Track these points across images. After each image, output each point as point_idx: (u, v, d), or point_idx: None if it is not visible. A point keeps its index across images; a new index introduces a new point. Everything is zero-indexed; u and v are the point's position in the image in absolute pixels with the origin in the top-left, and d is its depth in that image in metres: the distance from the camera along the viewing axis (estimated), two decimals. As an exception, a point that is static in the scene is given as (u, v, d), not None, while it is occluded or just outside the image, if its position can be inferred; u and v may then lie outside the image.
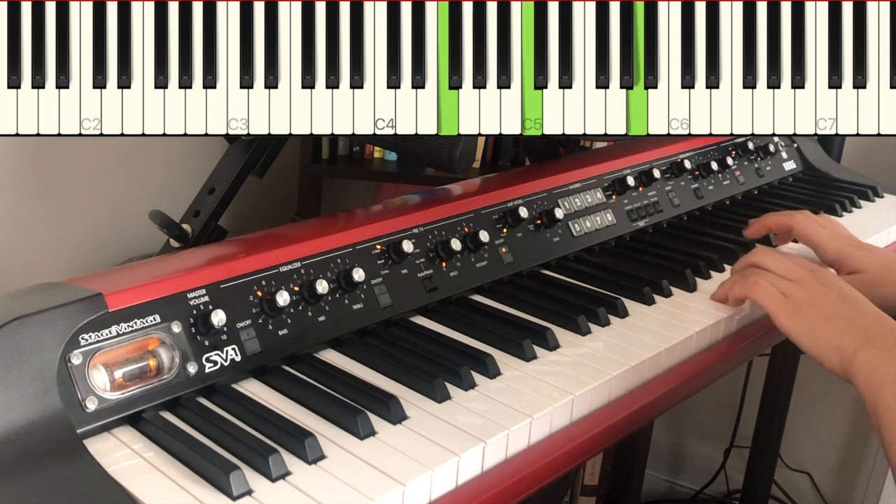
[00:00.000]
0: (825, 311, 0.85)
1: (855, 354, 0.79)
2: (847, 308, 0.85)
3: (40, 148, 1.40)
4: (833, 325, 0.83)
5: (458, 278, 0.94)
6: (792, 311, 0.87)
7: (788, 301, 0.88)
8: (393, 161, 1.85)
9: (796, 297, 0.87)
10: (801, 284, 0.89)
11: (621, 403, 0.81)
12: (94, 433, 0.68)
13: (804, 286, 0.88)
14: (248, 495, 0.62)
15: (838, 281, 0.90)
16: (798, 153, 1.50)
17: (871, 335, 0.80)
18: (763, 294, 0.89)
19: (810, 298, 0.87)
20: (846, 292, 0.87)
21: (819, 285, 0.88)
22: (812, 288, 0.88)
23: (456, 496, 0.67)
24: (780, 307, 0.88)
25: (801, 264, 0.92)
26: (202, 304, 0.75)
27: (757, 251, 0.97)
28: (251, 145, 1.06)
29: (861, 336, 0.80)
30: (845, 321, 0.83)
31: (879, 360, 0.78)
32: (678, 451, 2.18)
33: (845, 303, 0.86)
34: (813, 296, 0.87)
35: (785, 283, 0.89)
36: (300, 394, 0.75)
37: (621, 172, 1.17)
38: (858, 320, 0.83)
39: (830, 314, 0.84)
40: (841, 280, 0.90)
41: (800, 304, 0.87)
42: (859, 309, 0.85)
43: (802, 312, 0.86)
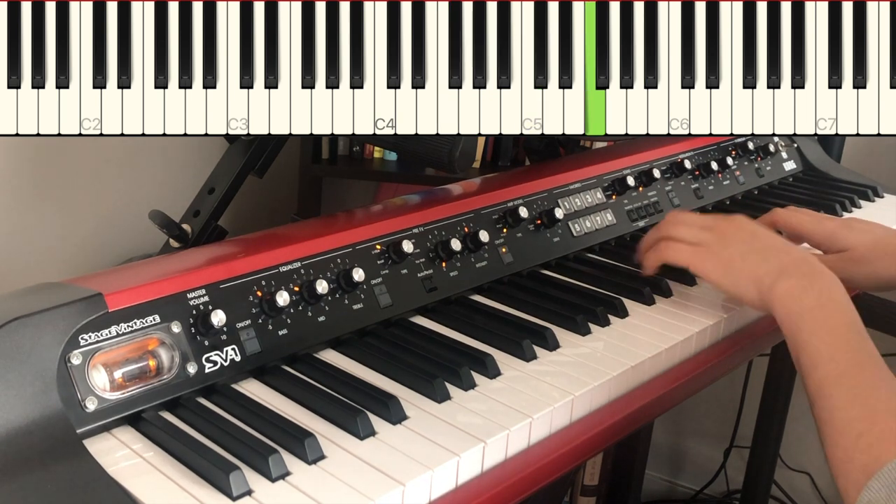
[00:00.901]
0: (738, 249, 0.87)
1: (773, 285, 0.81)
2: (758, 243, 0.87)
3: (40, 148, 1.40)
4: (747, 261, 0.86)
5: (458, 278, 0.94)
6: (705, 256, 0.89)
7: (700, 248, 0.90)
8: (393, 161, 1.85)
9: (707, 242, 0.90)
10: (710, 230, 0.91)
11: (621, 403, 0.81)
12: (94, 433, 0.68)
13: (713, 231, 0.90)
14: (248, 495, 0.62)
15: (747, 221, 0.91)
16: (798, 153, 1.50)
17: (786, 265, 0.83)
18: (673, 252, 0.92)
19: (721, 241, 0.89)
20: (756, 230, 0.89)
21: (728, 225, 0.90)
22: (721, 231, 0.90)
23: (456, 496, 0.67)
24: (693, 255, 0.90)
25: (706, 217, 0.94)
26: (202, 304, 0.75)
27: (661, 224, 0.98)
28: (251, 145, 1.06)
29: (776, 267, 0.83)
30: (759, 255, 0.85)
31: (797, 289, 0.80)
32: (678, 451, 2.18)
33: (756, 239, 0.88)
34: (724, 238, 0.89)
35: (695, 233, 0.91)
36: (300, 394, 0.75)
37: (621, 172, 1.17)
38: (771, 253, 0.85)
39: (743, 252, 0.86)
40: (750, 220, 0.92)
41: (711, 248, 0.89)
42: (770, 243, 0.87)
43: (716, 254, 0.88)
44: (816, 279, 0.81)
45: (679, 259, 0.91)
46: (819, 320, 0.77)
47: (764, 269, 0.84)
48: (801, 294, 0.79)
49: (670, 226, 0.95)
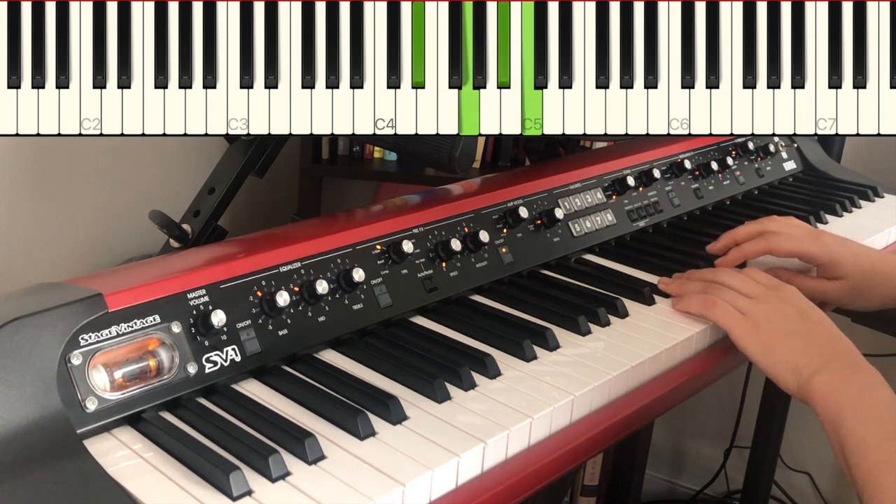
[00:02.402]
0: (782, 328, 0.83)
1: (812, 377, 0.78)
2: (804, 326, 0.83)
3: (40, 148, 1.40)
4: (789, 343, 0.82)
5: (458, 278, 0.94)
6: (749, 330, 0.85)
7: (746, 319, 0.86)
8: (393, 161, 1.85)
9: (754, 314, 0.86)
10: (759, 301, 0.87)
11: (621, 403, 0.81)
12: (94, 433, 0.68)
13: (763, 302, 0.87)
14: (248, 495, 0.62)
15: (799, 297, 0.87)
16: (798, 153, 1.50)
17: (828, 356, 0.79)
18: (720, 313, 0.88)
19: (768, 315, 0.85)
20: (805, 309, 0.85)
21: (778, 301, 0.86)
22: (770, 304, 0.86)
23: (456, 496, 0.67)
24: (737, 325, 0.86)
25: (762, 280, 0.91)
26: (202, 304, 0.75)
27: (718, 271, 0.95)
28: (251, 145, 1.06)
29: (817, 357, 0.79)
30: (801, 340, 0.82)
31: (837, 382, 0.76)
32: (678, 451, 2.18)
33: (803, 321, 0.84)
34: (771, 313, 0.85)
35: (743, 300, 0.88)
36: (300, 394, 0.75)
37: (621, 172, 1.17)
38: (815, 339, 0.81)
39: (787, 332, 0.83)
40: (802, 296, 0.88)
41: (757, 321, 0.85)
42: (817, 328, 0.83)
43: (759, 330, 0.84)
44: (858, 373, 0.77)
45: (724, 324, 0.88)
46: (863, 409, 0.74)
47: (804, 359, 0.80)
48: (842, 386, 0.76)
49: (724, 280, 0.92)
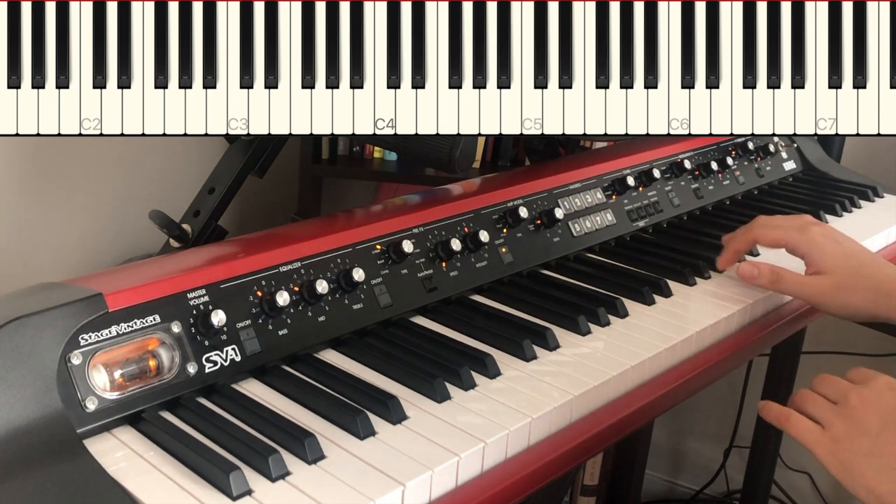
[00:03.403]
0: (862, 447, 0.76)
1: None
2: (885, 440, 0.75)
3: (40, 148, 1.40)
4: (868, 464, 0.75)
5: (458, 278, 0.94)
6: (827, 447, 0.78)
7: (824, 434, 0.78)
8: (393, 161, 1.85)
9: (834, 429, 0.78)
10: (842, 407, 0.79)
11: (621, 403, 0.81)
12: (94, 433, 0.68)
13: (842, 413, 0.78)
14: (248, 495, 0.62)
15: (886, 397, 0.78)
16: (798, 153, 1.50)
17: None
18: (797, 430, 0.81)
19: (847, 430, 0.77)
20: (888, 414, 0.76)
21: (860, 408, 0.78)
22: (850, 413, 0.78)
23: (456, 496, 0.67)
24: (817, 444, 0.78)
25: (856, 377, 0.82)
26: (202, 304, 0.75)
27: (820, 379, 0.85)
28: (251, 145, 1.06)
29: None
30: (882, 461, 0.74)
31: None
32: (678, 451, 2.18)
33: (885, 431, 0.75)
34: (850, 427, 0.77)
35: (827, 407, 0.80)
36: (300, 394, 0.75)
37: (621, 172, 1.17)
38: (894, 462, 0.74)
39: (867, 451, 0.75)
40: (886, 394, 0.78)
41: (837, 437, 0.78)
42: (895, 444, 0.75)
43: (838, 448, 0.77)
44: None
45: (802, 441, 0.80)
46: None
47: (888, 489, 0.72)
48: None
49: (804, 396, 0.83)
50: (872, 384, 0.79)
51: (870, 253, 0.97)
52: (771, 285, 0.97)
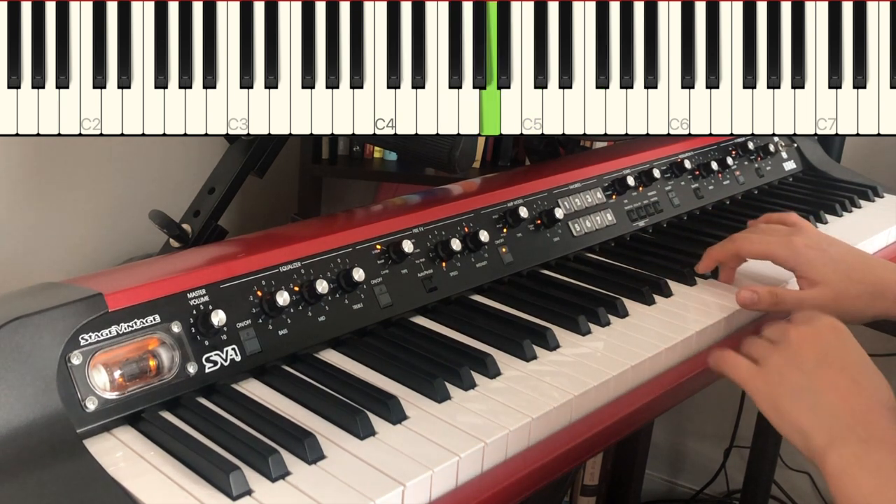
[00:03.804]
0: (791, 382, 0.74)
1: (823, 452, 0.69)
2: (817, 378, 0.73)
3: (40, 148, 1.40)
4: (797, 403, 0.72)
5: (458, 278, 0.94)
6: (758, 384, 0.76)
7: (758, 371, 0.77)
8: (393, 161, 1.85)
9: (769, 365, 0.76)
10: (777, 347, 0.77)
11: (621, 403, 0.81)
12: (94, 433, 0.68)
13: (779, 349, 0.77)
14: (248, 495, 0.62)
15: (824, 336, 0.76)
16: (798, 153, 1.50)
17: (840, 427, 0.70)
18: (729, 368, 0.79)
19: (780, 365, 0.75)
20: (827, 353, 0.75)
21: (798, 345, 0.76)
22: (787, 350, 0.76)
23: (456, 496, 0.67)
24: (748, 379, 0.77)
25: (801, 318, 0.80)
26: (202, 304, 0.75)
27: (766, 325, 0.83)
28: (251, 145, 1.06)
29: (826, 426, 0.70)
30: (811, 399, 0.72)
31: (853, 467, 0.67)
32: (678, 451, 2.18)
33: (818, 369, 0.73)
34: (785, 361, 0.75)
35: (762, 345, 0.79)
36: (300, 394, 0.75)
37: (621, 172, 1.17)
38: (828, 399, 0.71)
39: (796, 388, 0.73)
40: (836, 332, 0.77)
41: (768, 373, 0.76)
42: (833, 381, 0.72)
43: (769, 385, 0.75)
44: (876, 447, 0.67)
45: (734, 378, 0.79)
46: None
47: (813, 424, 0.70)
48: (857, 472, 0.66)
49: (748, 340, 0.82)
50: (814, 322, 0.77)
51: (857, 253, 0.96)
52: (772, 308, 0.94)
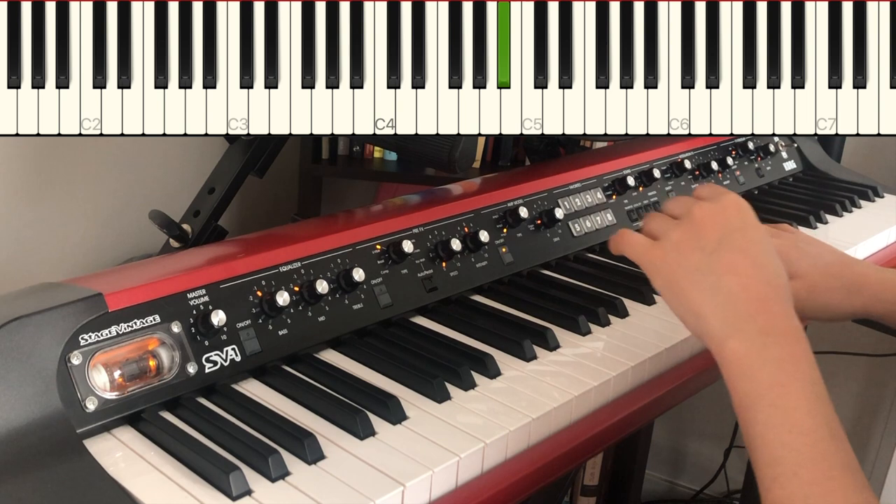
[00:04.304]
0: (691, 261, 0.70)
1: (721, 342, 0.66)
2: (718, 258, 0.69)
3: (40, 148, 1.40)
4: (696, 287, 0.69)
5: (458, 278, 0.94)
6: (654, 260, 0.72)
7: (655, 247, 0.73)
8: (393, 161, 1.85)
9: (668, 240, 0.72)
10: (679, 223, 0.73)
11: (621, 403, 0.81)
12: (94, 433, 0.68)
13: (681, 225, 0.73)
14: (248, 495, 0.62)
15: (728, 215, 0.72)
16: (798, 153, 1.50)
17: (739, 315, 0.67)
18: (626, 245, 0.75)
19: (680, 242, 0.71)
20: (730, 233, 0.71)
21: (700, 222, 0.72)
22: (689, 228, 0.72)
23: (456, 496, 0.67)
24: (644, 254, 0.73)
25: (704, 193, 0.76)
26: (202, 304, 0.75)
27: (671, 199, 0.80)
28: (251, 145, 1.06)
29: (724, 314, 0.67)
30: (709, 279, 0.69)
31: (751, 358, 0.65)
32: (678, 451, 2.18)
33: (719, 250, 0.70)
34: (685, 238, 0.71)
35: (663, 222, 0.75)
36: (300, 394, 0.75)
37: (621, 172, 1.17)
38: (726, 282, 0.68)
39: (695, 267, 0.70)
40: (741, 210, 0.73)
41: (667, 249, 0.72)
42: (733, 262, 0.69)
43: (666, 262, 0.71)
44: (774, 338, 0.66)
45: (630, 255, 0.75)
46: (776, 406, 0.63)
47: (711, 309, 0.68)
48: (755, 364, 0.65)
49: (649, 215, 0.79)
50: (720, 199, 0.74)
51: (836, 252, 0.94)
52: None
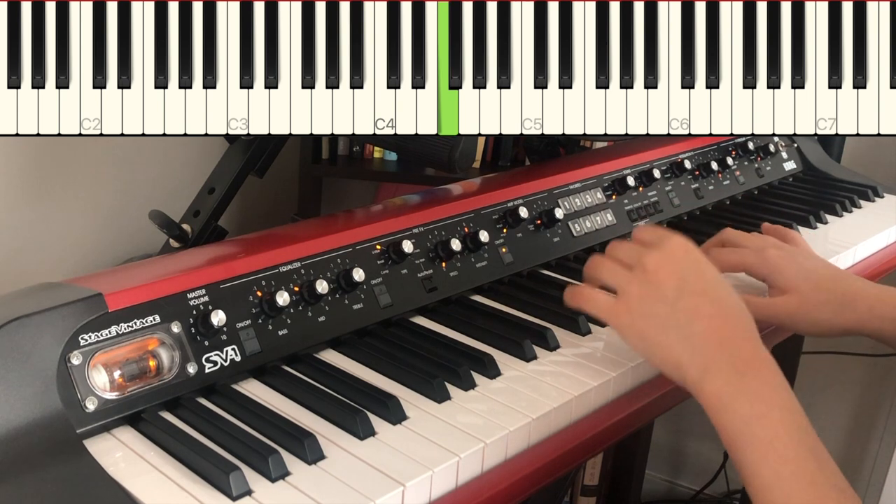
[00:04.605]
0: (657, 315, 0.73)
1: (699, 383, 0.70)
2: (683, 306, 0.73)
3: (40, 148, 1.40)
4: (667, 335, 0.72)
5: (458, 278, 0.94)
6: (621, 318, 0.75)
7: (618, 303, 0.76)
8: (393, 161, 1.85)
9: (626, 295, 0.75)
10: (634, 276, 0.76)
11: (621, 403, 0.81)
12: (94, 433, 0.68)
13: (637, 279, 0.75)
14: (248, 495, 0.62)
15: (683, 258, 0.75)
16: (798, 153, 1.50)
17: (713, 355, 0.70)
18: (588, 303, 0.79)
19: (641, 297, 0.74)
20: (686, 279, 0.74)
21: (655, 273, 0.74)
22: (645, 279, 0.75)
23: (456, 496, 0.67)
24: (611, 314, 0.76)
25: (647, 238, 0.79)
26: (202, 304, 0.75)
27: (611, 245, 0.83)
28: (251, 145, 1.06)
29: (700, 354, 0.71)
30: (680, 329, 0.72)
31: (730, 395, 0.68)
32: (678, 451, 2.18)
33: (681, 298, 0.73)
34: (646, 293, 0.74)
35: (618, 274, 0.77)
36: (300, 394, 0.75)
37: (621, 172, 1.17)
38: (696, 328, 0.71)
39: (663, 320, 0.73)
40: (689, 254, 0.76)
41: (630, 305, 0.75)
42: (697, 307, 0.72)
43: (632, 317, 0.75)
44: (750, 372, 0.69)
45: (593, 311, 0.78)
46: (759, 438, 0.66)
47: (687, 357, 0.71)
48: (734, 399, 0.67)
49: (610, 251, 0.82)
50: (665, 246, 0.76)
51: (832, 267, 0.95)
52: None
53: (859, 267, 1.18)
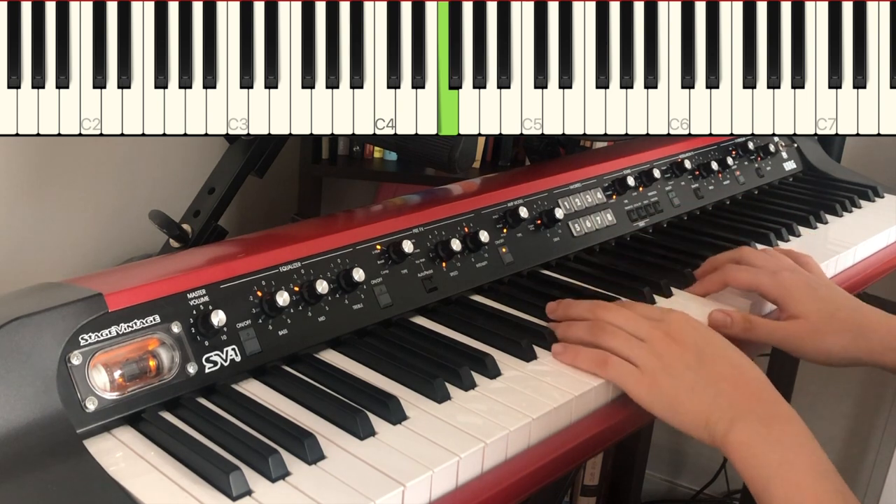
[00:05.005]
0: (685, 380, 0.76)
1: (727, 434, 0.73)
2: (706, 372, 0.76)
3: (40, 148, 1.40)
4: (696, 395, 0.75)
5: (458, 278, 0.94)
6: (649, 388, 0.77)
7: (643, 375, 0.78)
8: (393, 161, 1.85)
9: (650, 366, 0.78)
10: (651, 345, 0.79)
11: (621, 403, 0.81)
12: (94, 433, 0.68)
13: (654, 348, 0.79)
14: (248, 495, 0.62)
15: (689, 328, 0.80)
16: (798, 153, 1.50)
17: (739, 405, 0.73)
18: (614, 373, 0.79)
19: (665, 366, 0.77)
20: (701, 344, 0.78)
21: (671, 344, 0.79)
22: (664, 350, 0.78)
23: (456, 496, 0.67)
24: (636, 384, 0.78)
25: (647, 313, 0.83)
26: (202, 304, 0.75)
27: (598, 306, 0.86)
28: (251, 145, 1.06)
29: (728, 409, 0.73)
30: (709, 388, 0.75)
31: (756, 442, 0.71)
32: (678, 451, 2.18)
33: (703, 364, 0.77)
34: (667, 361, 0.78)
35: (635, 345, 0.80)
36: (300, 394, 0.75)
37: (621, 172, 1.17)
38: (721, 386, 0.75)
39: (691, 384, 0.76)
40: (692, 324, 0.81)
41: (655, 375, 0.77)
42: (719, 368, 0.76)
43: (660, 387, 0.77)
44: (775, 423, 0.72)
45: (621, 384, 0.79)
46: (789, 482, 0.68)
47: (716, 412, 0.74)
48: (762, 448, 0.70)
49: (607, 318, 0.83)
50: (669, 320, 0.81)
51: (846, 296, 0.94)
52: (743, 334, 0.91)
53: (859, 267, 1.18)
